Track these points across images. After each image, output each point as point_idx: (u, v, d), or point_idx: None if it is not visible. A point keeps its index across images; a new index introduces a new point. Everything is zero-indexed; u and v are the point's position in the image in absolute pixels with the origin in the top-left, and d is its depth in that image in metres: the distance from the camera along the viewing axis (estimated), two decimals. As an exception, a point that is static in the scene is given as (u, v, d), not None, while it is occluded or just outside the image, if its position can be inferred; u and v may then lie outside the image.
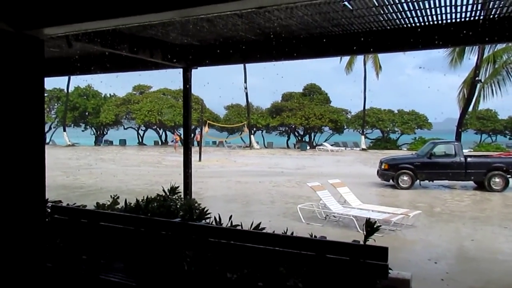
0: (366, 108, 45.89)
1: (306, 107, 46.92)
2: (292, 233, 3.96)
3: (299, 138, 50.25)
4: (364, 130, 45.27)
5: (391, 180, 16.74)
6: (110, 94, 55.14)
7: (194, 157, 21.49)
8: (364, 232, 3.53)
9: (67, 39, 4.89)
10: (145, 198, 5.18)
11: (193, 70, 7.09)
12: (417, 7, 4.36)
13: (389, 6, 4.34)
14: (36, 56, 3.71)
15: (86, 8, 3.24)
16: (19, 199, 3.52)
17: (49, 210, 4.84)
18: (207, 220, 4.83)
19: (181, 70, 7.02)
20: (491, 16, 4.59)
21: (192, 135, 44.91)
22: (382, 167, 17.13)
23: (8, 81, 3.45)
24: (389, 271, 3.15)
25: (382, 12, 4.53)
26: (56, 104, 53.62)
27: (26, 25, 3.43)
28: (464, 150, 17.27)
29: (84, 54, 7.04)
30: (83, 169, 22.79)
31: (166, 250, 4.09)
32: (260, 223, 4.40)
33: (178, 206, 5.10)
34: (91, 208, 5.33)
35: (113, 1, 3.15)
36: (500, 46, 24.28)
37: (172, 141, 43.71)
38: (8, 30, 3.40)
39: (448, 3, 4.23)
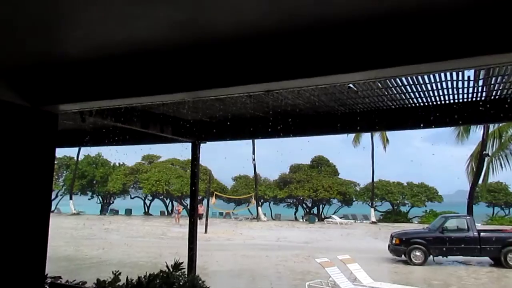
0: (374, 180, 45.62)
1: (314, 179, 46.80)
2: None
3: (307, 210, 49.63)
4: (374, 202, 44.70)
5: (403, 256, 16.24)
6: (119, 163, 55.71)
7: (200, 228, 21.21)
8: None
9: (81, 114, 5.06)
10: (147, 274, 5.06)
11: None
12: (419, 89, 4.50)
13: (392, 88, 4.49)
14: (50, 130, 3.83)
15: (100, 88, 3.39)
16: (18, 274, 3.46)
17: (47, 287, 4.72)
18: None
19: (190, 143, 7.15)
20: (492, 97, 4.71)
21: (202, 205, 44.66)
22: (393, 241, 16.71)
23: (21, 152, 3.55)
24: None
25: (386, 93, 4.68)
26: (65, 172, 54.07)
27: (42, 101, 3.59)
28: (476, 224, 16.89)
29: (96, 127, 7.23)
30: (87, 239, 22.47)
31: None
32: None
33: (181, 283, 4.96)
34: (90, 284, 5.19)
35: (126, 82, 3.29)
36: (504, 122, 24.62)
37: (175, 212, 41.53)
38: (25, 105, 3.55)
39: (450, 86, 4.37)
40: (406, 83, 4.30)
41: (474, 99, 4.87)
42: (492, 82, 4.30)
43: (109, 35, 2.57)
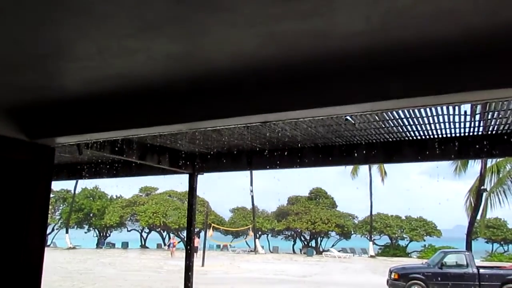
0: (373, 213, 45.32)
1: (312, 211, 46.49)
2: None
3: (305, 242, 49.03)
4: (372, 236, 44.23)
5: (402, 291, 15.96)
6: (116, 196, 55.29)
7: (198, 261, 20.88)
8: None
9: (78, 147, 5.06)
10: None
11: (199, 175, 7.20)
12: (416, 123, 4.53)
13: (389, 121, 4.52)
14: (46, 163, 3.80)
15: (96, 120, 3.39)
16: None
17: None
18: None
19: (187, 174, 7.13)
20: (489, 132, 4.74)
21: (197, 237, 44.04)
22: (392, 276, 16.47)
23: (16, 185, 3.51)
24: None
25: (383, 126, 4.71)
26: (61, 205, 53.55)
27: (39, 134, 3.57)
28: (475, 260, 16.68)
29: (94, 159, 7.22)
30: (82, 274, 22.04)
31: None
32: None
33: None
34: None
35: (122, 114, 3.30)
36: (502, 157, 24.69)
37: (169, 245, 40.47)
38: (21, 139, 3.54)
39: (447, 120, 4.41)
40: (403, 116, 4.33)
41: (471, 133, 4.90)
42: (489, 117, 4.33)
43: (106, 68, 2.59)
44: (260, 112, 2.81)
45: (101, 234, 53.71)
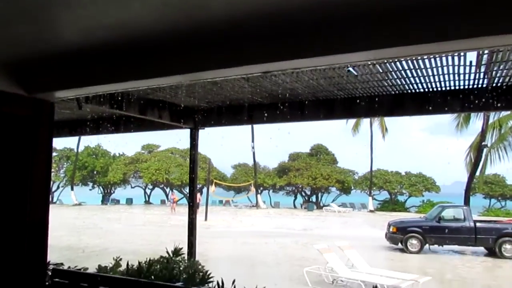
0: (373, 169, 45.71)
1: (313, 167, 46.88)
2: (298, 300, 3.81)
3: (306, 198, 49.79)
4: (372, 191, 44.83)
5: (399, 244, 16.34)
6: (119, 153, 55.66)
7: (200, 216, 21.27)
8: (372, 301, 3.39)
9: (77, 101, 5.02)
10: (147, 260, 5.07)
11: (200, 130, 7.19)
12: (420, 74, 4.46)
13: (392, 73, 4.45)
14: (46, 118, 3.79)
15: (96, 72, 3.34)
16: (20, 262, 3.46)
17: (49, 273, 4.73)
18: (210, 285, 4.69)
19: (188, 130, 7.13)
20: (494, 85, 4.67)
21: (199, 193, 44.72)
22: (391, 230, 16.81)
23: (18, 141, 3.51)
24: None
25: (386, 78, 4.64)
26: (65, 163, 54.03)
27: (37, 88, 3.54)
28: (473, 214, 16.97)
29: (94, 115, 7.20)
30: (89, 229, 22.54)
31: (166, 316, 3.94)
32: (264, 288, 4.26)
33: (181, 268, 4.97)
34: (92, 270, 5.21)
35: (121, 66, 3.25)
36: (505, 113, 24.54)
37: (170, 201, 39.39)
38: (20, 94, 3.50)
39: (451, 71, 4.33)
40: (406, 67, 4.26)
41: (475, 86, 4.83)
42: (495, 69, 4.25)
43: (100, 17, 2.52)
44: (260, 61, 2.76)
45: (106, 191, 54.49)
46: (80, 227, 23.29)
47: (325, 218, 32.32)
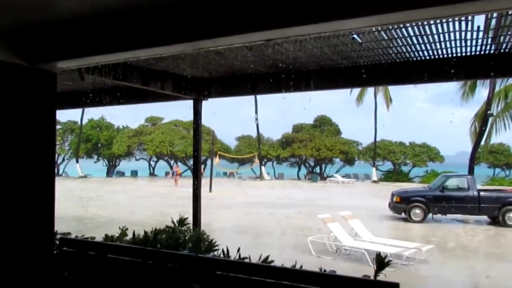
0: (377, 140, 45.66)
1: (317, 138, 46.92)
2: (301, 266, 3.86)
3: (310, 169, 50.02)
4: (375, 162, 44.89)
5: (403, 213, 16.46)
6: (122, 126, 55.79)
7: (205, 188, 21.43)
8: (375, 267, 3.44)
9: (79, 72, 4.99)
10: (153, 229, 5.14)
11: (204, 102, 7.16)
12: (426, 41, 4.38)
13: (398, 40, 4.37)
14: (49, 89, 3.77)
15: (97, 42, 3.30)
16: (28, 232, 3.51)
17: (57, 243, 4.81)
18: (215, 253, 4.76)
19: (192, 101, 7.10)
20: (502, 51, 4.59)
21: (203, 166, 44.98)
22: (394, 200, 16.89)
23: (20, 113, 3.51)
24: (402, 308, 3.04)
25: (391, 45, 4.56)
26: (70, 136, 54.30)
27: (39, 59, 3.51)
28: (477, 184, 17.00)
29: (97, 87, 7.17)
30: (95, 200, 22.81)
31: (173, 283, 4.01)
32: (268, 256, 4.32)
33: (186, 238, 5.04)
34: (99, 240, 5.29)
35: (123, 35, 3.21)
36: (512, 80, 24.26)
37: (173, 173, 37.89)
38: (22, 64, 3.48)
39: (458, 37, 4.25)
40: (412, 34, 4.19)
41: (482, 52, 4.75)
42: (503, 34, 4.17)
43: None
44: (263, 29, 2.70)
45: (110, 163, 54.90)
46: (86, 198, 23.59)
47: (329, 189, 32.54)
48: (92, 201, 22.37)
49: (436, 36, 4.24)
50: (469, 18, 3.64)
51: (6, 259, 3.35)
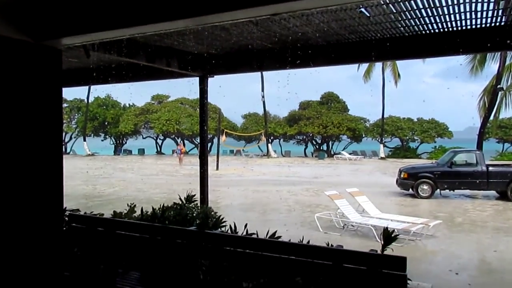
0: (384, 116, 45.40)
1: (324, 115, 46.72)
2: (309, 242, 3.89)
3: (317, 146, 50.00)
4: (383, 138, 44.74)
5: (410, 189, 16.47)
6: (129, 104, 55.86)
7: (212, 166, 21.55)
8: (382, 242, 3.45)
9: (85, 49, 4.95)
10: (161, 206, 5.19)
11: (210, 79, 7.11)
12: (435, 13, 4.29)
13: (407, 13, 4.28)
14: (54, 66, 3.76)
15: (102, 17, 3.27)
16: (37, 208, 3.55)
17: (66, 219, 4.88)
18: (223, 229, 4.80)
19: (197, 78, 7.06)
20: (512, 22, 4.49)
21: (210, 144, 45.11)
22: (402, 176, 16.88)
23: (26, 91, 3.50)
24: (408, 282, 3.07)
25: (400, 18, 4.47)
26: (76, 115, 54.54)
27: (44, 35, 3.48)
28: (485, 159, 16.91)
29: (102, 64, 7.14)
30: (103, 178, 23.04)
31: (181, 258, 4.07)
32: (276, 232, 4.36)
33: (194, 214, 5.08)
34: (108, 216, 5.35)
35: (128, 10, 3.17)
36: (522, 53, 23.80)
37: (177, 152, 36.64)
38: (26, 40, 3.46)
39: (468, 9, 4.15)
40: (421, 6, 4.09)
41: (493, 24, 4.65)
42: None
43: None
44: (268, 2, 2.65)
45: (117, 141, 55.23)
46: (94, 176, 23.83)
47: (336, 166, 32.57)
48: (100, 178, 22.61)
49: (445, 8, 4.14)
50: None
51: (17, 236, 3.40)
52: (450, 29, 4.82)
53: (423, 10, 4.21)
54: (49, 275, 3.67)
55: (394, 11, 4.25)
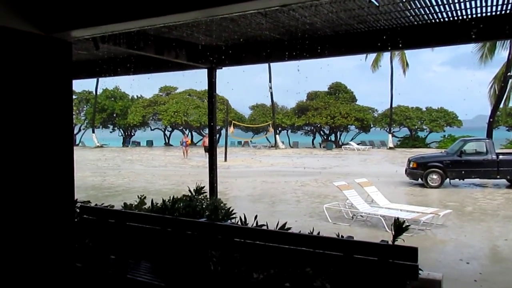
0: (393, 106, 45.06)
1: (332, 106, 46.52)
2: (319, 233, 3.91)
3: (325, 137, 49.87)
4: (391, 128, 44.47)
5: (419, 179, 16.39)
6: (137, 96, 56.01)
7: (220, 157, 21.61)
8: (393, 232, 3.45)
9: (94, 41, 4.97)
10: (171, 198, 5.23)
11: (218, 71, 7.11)
12: (445, 2, 4.24)
13: (416, 1, 4.24)
14: (64, 59, 3.78)
15: (112, 10, 3.28)
16: (49, 200, 3.60)
17: (78, 211, 4.93)
18: (233, 220, 4.83)
19: (206, 70, 7.05)
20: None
21: (218, 135, 45.16)
22: (411, 165, 16.79)
23: (37, 83, 3.53)
24: (419, 271, 3.07)
25: (409, 7, 4.43)
26: (85, 106, 54.85)
27: (55, 28, 3.50)
28: (495, 148, 16.76)
29: (111, 56, 7.16)
30: (112, 170, 23.21)
31: (192, 250, 4.10)
32: (286, 223, 4.37)
33: (204, 206, 5.12)
34: (118, 208, 5.40)
35: (137, 2, 3.18)
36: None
37: (182, 144, 34.78)
38: (37, 33, 3.48)
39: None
40: (431, -6, 4.05)
41: (503, 12, 4.59)
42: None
43: None
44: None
45: (126, 133, 55.50)
46: (103, 168, 24.01)
47: (344, 156, 32.50)
48: (109, 170, 22.78)
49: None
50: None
51: (30, 227, 3.45)
52: (460, 17, 4.77)
53: (433, -1, 4.16)
54: (61, 265, 3.73)
55: (404, 0, 4.21)
